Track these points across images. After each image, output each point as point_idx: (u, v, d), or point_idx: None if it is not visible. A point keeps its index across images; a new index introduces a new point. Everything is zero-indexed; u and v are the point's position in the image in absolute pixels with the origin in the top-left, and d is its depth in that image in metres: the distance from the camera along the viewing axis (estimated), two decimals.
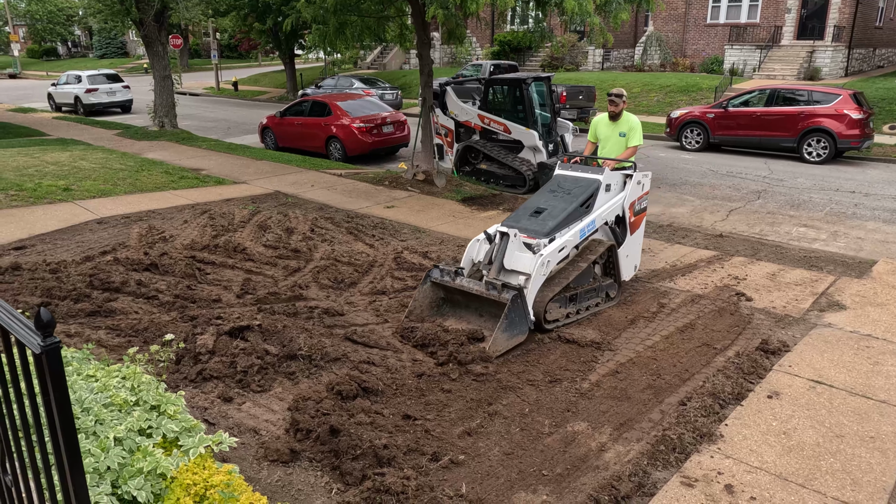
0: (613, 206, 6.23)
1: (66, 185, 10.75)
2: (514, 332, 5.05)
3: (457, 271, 5.42)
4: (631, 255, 6.55)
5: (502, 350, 4.99)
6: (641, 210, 6.63)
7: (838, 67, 26.07)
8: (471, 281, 5.32)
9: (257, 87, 35.80)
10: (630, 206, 6.41)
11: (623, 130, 6.93)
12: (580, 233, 5.79)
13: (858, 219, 9.70)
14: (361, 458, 3.67)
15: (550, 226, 5.70)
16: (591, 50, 30.98)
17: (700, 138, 15.96)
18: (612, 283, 6.22)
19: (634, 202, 6.48)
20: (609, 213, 6.18)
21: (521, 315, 5.07)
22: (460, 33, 13.27)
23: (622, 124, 6.95)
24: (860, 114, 13.93)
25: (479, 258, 5.64)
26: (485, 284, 5.17)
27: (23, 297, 5.86)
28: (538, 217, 5.86)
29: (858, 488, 3.56)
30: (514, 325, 5.03)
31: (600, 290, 6.07)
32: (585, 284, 5.92)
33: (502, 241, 5.47)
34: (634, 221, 6.55)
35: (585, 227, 5.86)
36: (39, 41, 62.50)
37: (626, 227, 6.42)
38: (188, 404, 4.06)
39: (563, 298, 5.63)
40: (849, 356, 5.11)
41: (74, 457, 1.62)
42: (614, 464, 3.79)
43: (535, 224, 5.75)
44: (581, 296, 5.84)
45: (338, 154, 14.93)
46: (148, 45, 17.65)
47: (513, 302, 4.95)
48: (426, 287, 5.57)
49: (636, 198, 6.49)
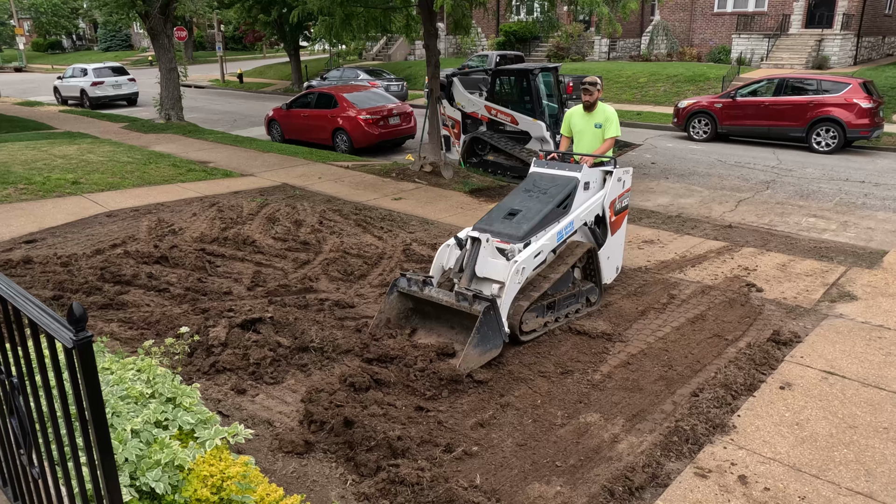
0: (593, 205, 5.90)
1: (74, 178, 10.79)
2: (486, 346, 4.64)
3: (425, 280, 5.02)
4: (612, 257, 6.26)
5: (474, 366, 4.59)
6: (623, 208, 6.33)
7: (847, 56, 25.84)
8: (440, 291, 4.96)
9: (262, 79, 35.76)
10: (610, 204, 6.07)
11: (598, 122, 6.53)
12: (557, 236, 5.46)
13: (868, 209, 9.64)
14: (376, 449, 3.69)
15: (525, 229, 5.34)
16: (598, 40, 30.80)
17: (708, 128, 15.88)
18: (593, 288, 5.90)
19: (615, 200, 6.13)
20: (588, 213, 5.85)
21: (495, 327, 4.68)
22: (466, 23, 13.22)
23: (597, 115, 6.54)
24: (870, 103, 13.82)
25: (450, 265, 5.29)
26: (455, 295, 4.79)
27: (35, 291, 5.89)
28: (512, 220, 5.49)
29: (872, 479, 3.56)
30: (486, 339, 4.62)
31: (580, 296, 5.73)
32: (564, 290, 5.57)
33: (473, 247, 5.07)
34: (615, 221, 6.21)
35: (563, 230, 5.52)
36: (44, 34, 62.55)
37: (607, 228, 6.09)
38: (202, 396, 4.07)
39: (539, 307, 5.28)
40: (861, 347, 5.09)
41: (106, 447, 1.64)
42: (627, 455, 3.80)
43: (510, 227, 5.38)
44: (560, 303, 5.48)
45: (344, 146, 14.92)
46: (153, 37, 17.65)
47: (485, 314, 4.56)
48: (393, 297, 5.18)
49: (617, 196, 6.15)
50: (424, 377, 4.49)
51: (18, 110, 22.61)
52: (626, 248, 7.57)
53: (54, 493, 2.17)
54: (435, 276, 5.28)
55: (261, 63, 42.96)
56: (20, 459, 2.35)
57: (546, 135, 11.56)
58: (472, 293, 4.71)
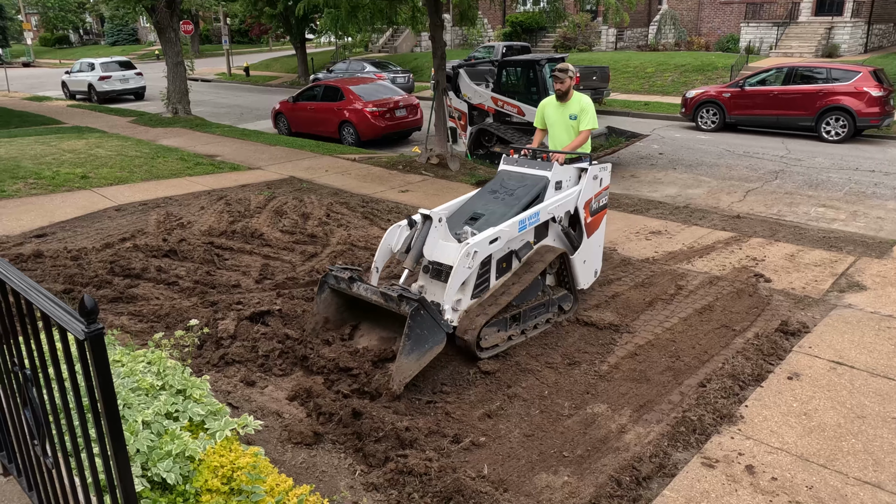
0: (564, 200, 5.38)
1: (83, 172, 10.85)
2: (422, 349, 4.20)
3: (352, 277, 4.56)
4: (589, 260, 5.78)
5: (411, 375, 4.19)
6: (600, 208, 5.80)
7: (858, 44, 25.58)
8: (368, 288, 4.48)
9: (269, 72, 35.77)
10: (585, 204, 5.55)
11: (573, 112, 6.05)
12: (518, 224, 4.92)
13: (878, 198, 9.57)
14: (384, 440, 3.71)
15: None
16: (605, 30, 30.61)
17: (716, 118, 15.78)
18: (566, 295, 5.46)
19: (591, 200, 5.61)
20: (557, 207, 5.31)
21: (429, 325, 4.21)
22: (472, 14, 13.18)
23: (571, 105, 6.06)
24: (880, 91, 13.69)
25: (398, 247, 4.85)
26: (382, 295, 4.34)
27: (46, 284, 5.94)
28: (474, 225, 5.05)
29: (881, 469, 3.56)
30: (421, 341, 4.18)
31: (551, 305, 5.31)
32: (532, 300, 5.15)
33: (424, 226, 4.64)
34: (592, 222, 5.70)
35: (526, 219, 5.00)
36: (52, 29, 62.72)
37: (582, 230, 5.60)
38: (212, 388, 4.11)
39: (502, 321, 4.85)
40: (870, 337, 5.07)
41: (118, 438, 1.66)
42: (635, 445, 3.81)
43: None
44: (526, 314, 5.06)
45: (351, 139, 14.93)
46: (160, 31, 17.67)
47: (412, 317, 4.11)
48: (325, 296, 4.81)
49: (593, 195, 5.63)
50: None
51: (27, 105, 22.73)
52: (634, 238, 7.57)
53: (68, 483, 2.20)
54: (379, 261, 4.90)
55: (267, 56, 42.97)
56: (34, 450, 2.39)
57: None
58: (398, 293, 4.20)
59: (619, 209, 8.81)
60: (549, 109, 6.28)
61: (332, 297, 4.87)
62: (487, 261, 4.81)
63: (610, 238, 7.56)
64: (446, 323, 4.37)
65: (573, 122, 6.09)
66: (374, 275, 4.95)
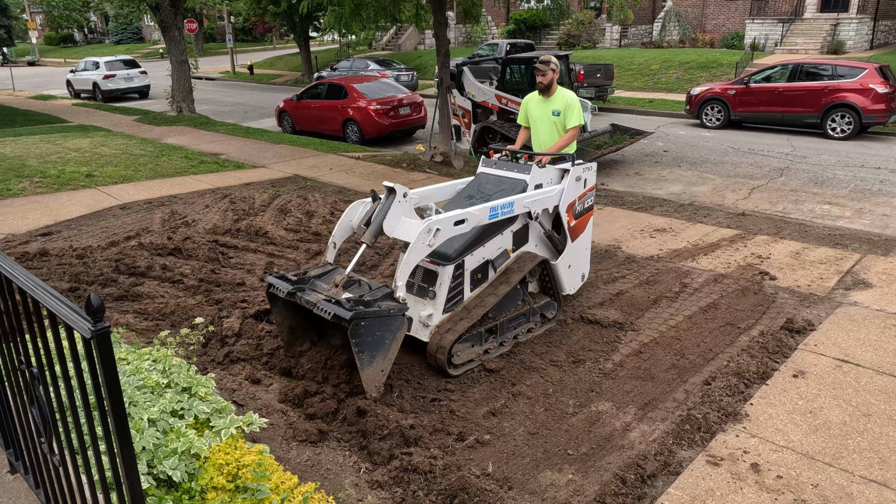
0: (543, 196, 5.04)
1: (88, 171, 10.88)
2: (383, 349, 3.96)
3: (290, 292, 4.14)
4: (575, 265, 5.54)
5: (383, 377, 4.03)
6: (585, 210, 5.52)
7: (863, 40, 25.45)
8: (309, 301, 4.05)
9: (273, 70, 35.80)
10: (568, 207, 5.25)
11: (557, 108, 5.70)
12: (490, 211, 4.56)
13: (884, 195, 9.53)
14: (388, 437, 3.72)
15: (458, 247, 4.61)
16: (609, 27, 30.54)
17: (721, 115, 15.73)
18: (549, 303, 5.25)
19: (574, 202, 5.32)
20: (535, 202, 4.95)
21: (378, 325, 3.91)
22: (476, 12, 13.16)
23: (555, 101, 5.71)
24: (886, 88, 13.62)
25: (356, 223, 4.55)
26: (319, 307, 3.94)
27: (52, 283, 5.97)
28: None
29: (887, 467, 3.55)
30: (375, 344, 3.92)
31: (532, 314, 5.08)
32: (511, 310, 4.93)
33: (388, 199, 4.36)
34: (576, 225, 5.42)
35: (498, 207, 4.62)
36: (56, 28, 62.86)
37: (566, 233, 5.33)
38: (217, 386, 4.12)
39: (477, 335, 4.65)
40: (875, 335, 5.06)
41: (125, 436, 1.67)
42: (639, 443, 3.81)
43: (441, 245, 4.44)
44: (504, 325, 4.84)
45: (355, 137, 14.93)
46: (164, 29, 17.71)
47: (354, 334, 3.81)
48: (279, 307, 4.43)
49: (576, 197, 5.33)
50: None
51: (32, 104, 22.80)
52: (638, 236, 7.56)
53: (74, 480, 2.21)
54: (338, 237, 4.57)
55: (271, 54, 43.00)
56: (41, 448, 2.40)
57: None
58: (331, 312, 3.84)
59: (623, 206, 8.79)
60: (532, 105, 5.93)
61: (285, 306, 4.45)
62: (460, 273, 4.60)
63: (614, 235, 7.55)
64: (398, 305, 4.01)
65: (557, 118, 5.74)
66: (331, 251, 4.61)
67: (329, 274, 4.41)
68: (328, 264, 4.56)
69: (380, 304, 3.98)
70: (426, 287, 4.59)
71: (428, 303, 4.56)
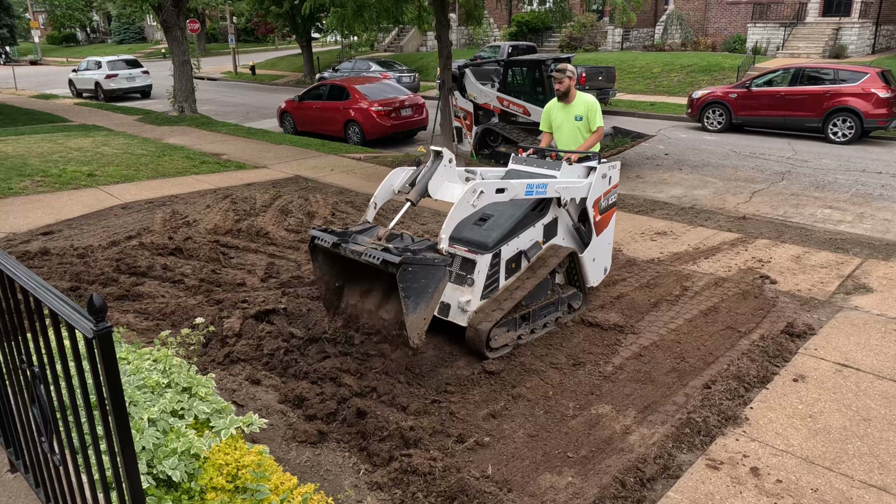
0: (574, 185, 5.31)
1: (90, 170, 10.90)
2: (427, 296, 4.06)
3: (336, 243, 4.28)
4: (599, 258, 5.82)
5: (426, 325, 4.13)
6: (609, 206, 5.81)
7: (865, 45, 25.47)
8: (356, 250, 4.19)
9: (275, 70, 35.83)
10: (594, 203, 5.54)
11: (579, 113, 6.03)
12: (526, 187, 4.80)
13: (885, 200, 9.53)
14: (388, 439, 3.72)
15: (496, 237, 4.89)
16: (611, 30, 30.56)
17: (722, 119, 15.73)
18: (576, 293, 5.50)
19: (600, 198, 5.60)
20: (566, 188, 5.22)
21: (423, 273, 4.03)
22: (478, 14, 13.18)
23: (576, 106, 6.04)
24: (888, 92, 13.63)
25: (399, 186, 4.71)
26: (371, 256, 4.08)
27: (53, 282, 5.97)
28: (482, 226, 5.00)
29: (886, 472, 3.55)
30: (421, 291, 4.03)
31: (560, 303, 5.34)
32: (542, 299, 5.17)
33: (434, 162, 4.53)
34: (601, 220, 5.71)
35: (534, 185, 4.85)
36: (59, 27, 62.91)
37: (592, 227, 5.63)
38: (217, 386, 4.13)
39: (512, 320, 4.89)
40: (876, 339, 5.05)
41: (126, 435, 1.67)
42: (639, 446, 3.81)
43: (478, 234, 4.88)
44: (536, 313, 5.10)
45: (356, 138, 14.95)
46: (167, 29, 17.73)
47: (402, 278, 3.94)
48: (320, 258, 4.59)
49: (602, 193, 5.61)
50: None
51: (34, 103, 22.83)
52: (639, 239, 7.56)
53: (75, 480, 2.21)
54: (379, 198, 4.74)
55: (273, 55, 43.03)
56: (41, 447, 2.40)
57: None
58: (381, 258, 3.99)
59: (624, 210, 8.79)
60: (554, 112, 6.25)
61: (328, 258, 4.61)
62: (497, 262, 4.84)
63: (615, 238, 7.52)
64: (442, 256, 4.15)
65: (579, 122, 6.06)
66: (371, 210, 4.78)
67: (370, 230, 4.54)
68: (367, 223, 4.69)
69: (424, 254, 4.12)
70: (464, 275, 4.81)
71: (466, 289, 4.79)
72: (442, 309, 4.88)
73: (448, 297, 4.78)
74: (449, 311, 4.85)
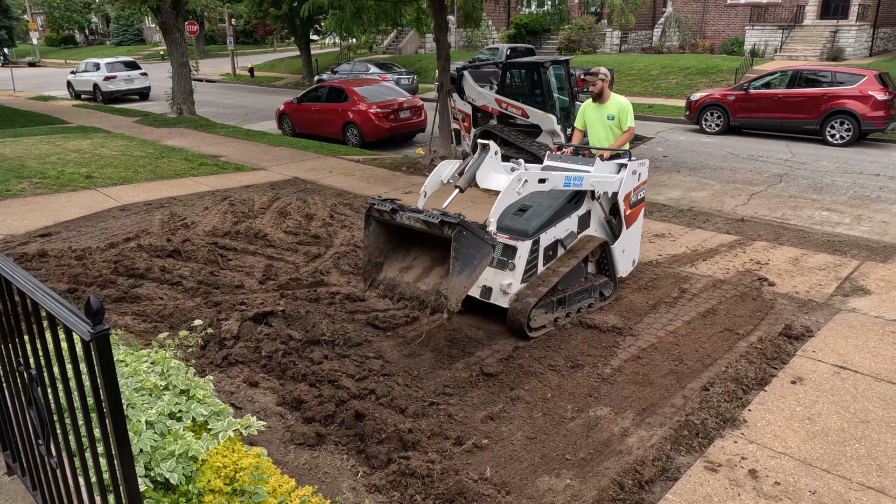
0: (607, 179, 5.71)
1: (88, 172, 10.88)
2: (472, 264, 4.28)
3: (393, 210, 4.54)
4: (628, 250, 6.20)
5: (465, 292, 4.32)
6: (638, 201, 6.20)
7: (863, 47, 25.53)
8: (412, 217, 4.46)
9: (273, 72, 35.83)
10: (625, 197, 5.94)
11: (611, 113, 6.45)
12: (565, 178, 5.18)
13: (883, 202, 9.55)
14: (386, 441, 3.72)
15: (535, 225, 5.29)
16: (609, 32, 30.61)
17: (720, 121, 15.76)
18: (607, 282, 5.87)
19: (630, 193, 6.00)
20: (599, 182, 5.62)
21: (474, 242, 4.28)
22: (477, 16, 13.20)
23: (609, 107, 6.45)
24: (885, 95, 13.66)
25: (448, 176, 5.01)
26: (425, 223, 4.36)
27: (50, 284, 5.96)
28: (522, 216, 5.39)
29: (884, 474, 3.55)
30: (469, 259, 4.25)
31: (593, 290, 5.70)
32: (576, 285, 5.54)
33: (481, 154, 4.91)
34: (631, 214, 6.11)
35: (571, 177, 5.26)
36: (57, 29, 62.95)
37: (622, 220, 6.00)
38: (215, 389, 4.12)
39: (549, 303, 5.24)
40: (874, 341, 5.06)
41: (123, 438, 1.67)
42: (637, 448, 3.80)
43: (519, 223, 5.30)
44: (571, 298, 5.45)
45: (355, 140, 14.95)
46: (165, 31, 17.73)
47: (457, 240, 4.16)
48: (372, 228, 4.81)
49: (632, 188, 6.01)
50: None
51: (32, 105, 22.81)
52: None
53: (72, 482, 2.21)
54: (429, 187, 5.02)
55: (271, 57, 43.05)
56: (38, 450, 2.40)
57: (557, 128, 11.50)
58: (438, 219, 4.23)
59: None
60: (588, 111, 6.65)
61: (379, 230, 4.84)
62: (536, 249, 5.24)
63: None
64: (490, 236, 4.42)
65: (611, 122, 6.46)
66: (422, 199, 5.04)
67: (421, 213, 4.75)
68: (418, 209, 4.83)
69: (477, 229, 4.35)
70: (506, 260, 5.17)
71: (507, 273, 5.17)
72: (484, 292, 5.28)
73: (490, 280, 5.21)
74: (491, 294, 5.24)
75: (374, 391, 4.25)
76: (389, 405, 4.13)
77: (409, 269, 4.82)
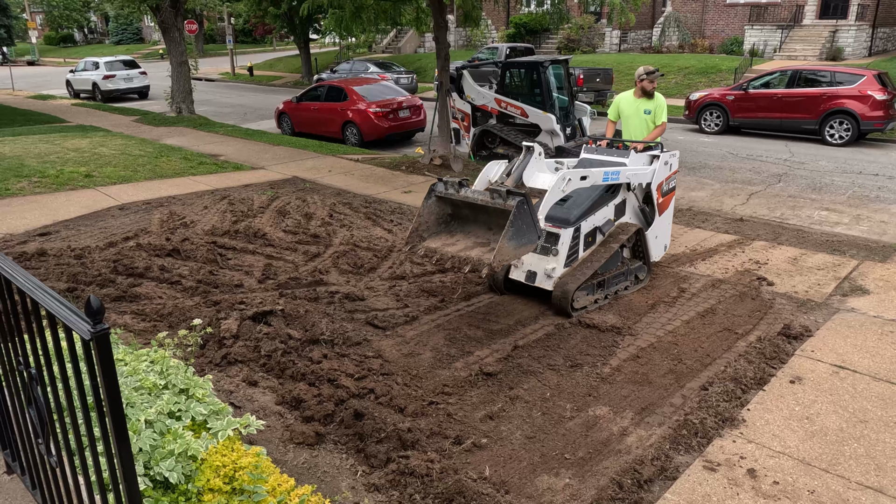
0: (641, 171, 6.05)
1: (87, 171, 10.88)
2: (521, 240, 4.58)
3: (461, 182, 4.96)
4: (660, 236, 6.56)
5: (508, 259, 4.60)
6: (670, 190, 6.56)
7: (862, 47, 25.54)
8: (475, 192, 4.87)
9: (272, 72, 35.81)
10: (658, 186, 6.29)
11: (649, 108, 6.85)
12: (603, 174, 5.56)
13: (882, 202, 9.56)
14: (385, 441, 3.72)
15: (576, 214, 5.68)
16: (608, 31, 30.61)
17: (719, 121, 15.77)
18: (641, 266, 6.25)
19: (662, 183, 6.35)
20: (634, 174, 5.97)
21: (529, 222, 4.60)
22: (476, 15, 13.17)
23: (649, 102, 6.88)
24: (884, 95, 13.68)
25: (496, 178, 5.34)
26: (489, 193, 4.72)
27: (50, 283, 5.96)
28: (564, 205, 5.73)
29: (883, 473, 3.56)
30: (521, 233, 4.55)
31: (629, 274, 6.10)
32: (613, 269, 5.93)
33: (526, 156, 5.30)
34: (663, 202, 6.46)
35: (610, 172, 5.62)
36: (56, 28, 62.86)
37: (655, 208, 6.35)
38: (214, 388, 4.12)
39: (590, 286, 5.63)
40: (872, 341, 5.07)
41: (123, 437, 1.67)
42: (636, 448, 3.81)
43: (561, 212, 5.66)
44: (609, 281, 5.85)
45: (354, 139, 14.94)
46: (164, 30, 17.72)
47: (518, 208, 4.48)
48: (430, 202, 5.12)
49: (664, 178, 6.36)
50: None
51: (31, 104, 22.79)
52: None
53: (71, 481, 2.21)
54: (479, 186, 5.24)
55: (271, 56, 43.02)
56: (38, 449, 2.40)
57: (556, 127, 11.53)
58: (506, 189, 4.64)
59: None
60: (625, 104, 7.02)
61: (436, 205, 5.16)
62: (577, 235, 5.64)
63: None
64: (539, 227, 4.76)
65: (647, 116, 6.86)
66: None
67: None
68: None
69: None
70: (549, 246, 5.58)
71: (551, 258, 5.61)
72: (529, 276, 5.71)
73: (535, 265, 5.66)
74: (536, 278, 5.68)
75: (374, 390, 4.25)
76: (389, 404, 4.14)
77: (452, 245, 5.11)
